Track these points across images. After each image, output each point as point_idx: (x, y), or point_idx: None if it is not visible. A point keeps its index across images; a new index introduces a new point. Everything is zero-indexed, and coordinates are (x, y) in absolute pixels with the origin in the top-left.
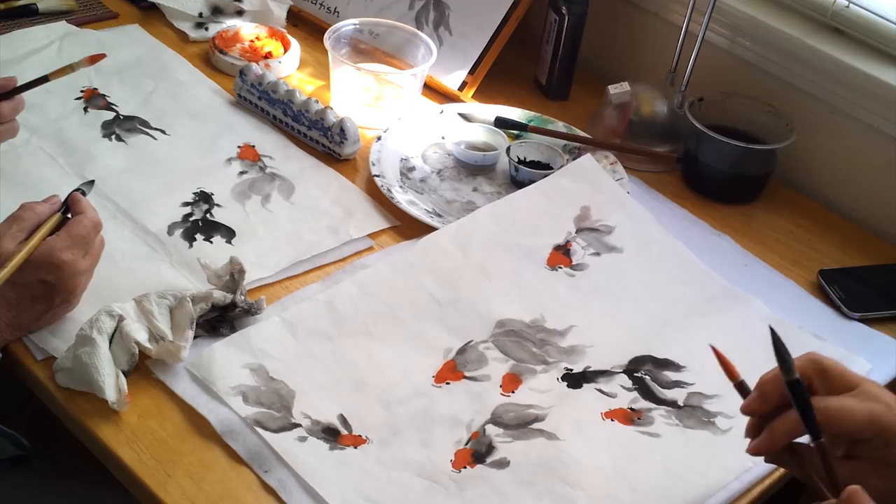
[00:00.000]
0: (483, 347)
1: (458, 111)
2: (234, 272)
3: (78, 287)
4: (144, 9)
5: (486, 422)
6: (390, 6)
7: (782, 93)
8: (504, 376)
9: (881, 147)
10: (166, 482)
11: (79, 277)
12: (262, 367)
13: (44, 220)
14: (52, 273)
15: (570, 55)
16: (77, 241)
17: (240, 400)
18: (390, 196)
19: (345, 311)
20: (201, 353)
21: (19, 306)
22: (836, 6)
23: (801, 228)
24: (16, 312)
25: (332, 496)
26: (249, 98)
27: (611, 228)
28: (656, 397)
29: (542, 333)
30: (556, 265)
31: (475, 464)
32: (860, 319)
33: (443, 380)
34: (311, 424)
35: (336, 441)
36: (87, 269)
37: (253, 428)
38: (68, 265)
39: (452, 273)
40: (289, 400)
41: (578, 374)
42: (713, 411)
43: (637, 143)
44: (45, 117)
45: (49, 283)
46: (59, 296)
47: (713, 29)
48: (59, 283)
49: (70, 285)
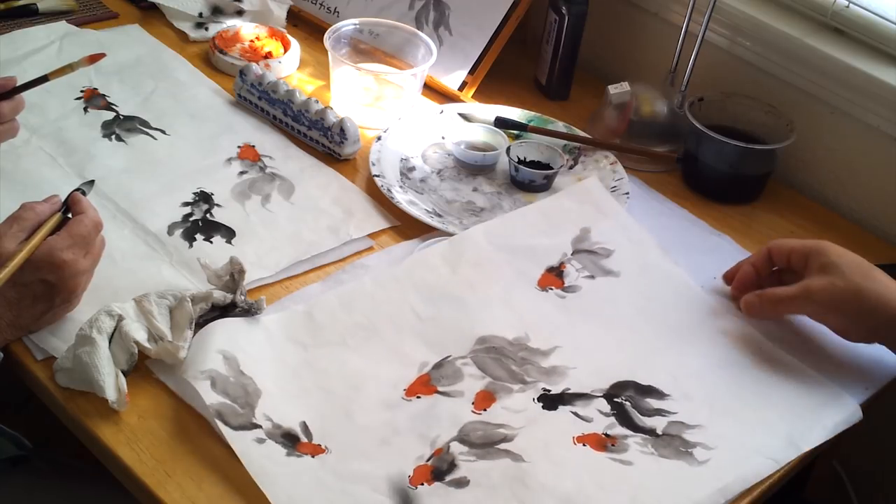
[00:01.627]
0: (461, 363)
1: (458, 111)
2: (234, 272)
3: (79, 287)
4: (144, 9)
5: (452, 439)
6: (390, 6)
7: (782, 93)
8: (478, 393)
9: (881, 147)
10: (166, 482)
11: (79, 277)
12: (234, 358)
13: (44, 220)
14: (53, 273)
15: (570, 55)
16: (78, 241)
17: (208, 385)
18: (390, 196)
19: (323, 322)
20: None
21: (20, 306)
22: (836, 6)
23: (801, 228)
24: (16, 312)
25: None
26: (249, 98)
27: (609, 252)
28: (634, 424)
29: (525, 352)
30: (546, 286)
31: (433, 481)
32: None
33: (414, 393)
34: (271, 427)
35: (294, 448)
36: (87, 268)
37: (213, 420)
38: (69, 265)
39: (438, 289)
40: (254, 398)
41: (556, 395)
42: (693, 441)
43: (637, 143)
44: (45, 117)
45: (50, 282)
46: (60, 295)
47: (713, 29)
48: (60, 282)
49: (71, 285)
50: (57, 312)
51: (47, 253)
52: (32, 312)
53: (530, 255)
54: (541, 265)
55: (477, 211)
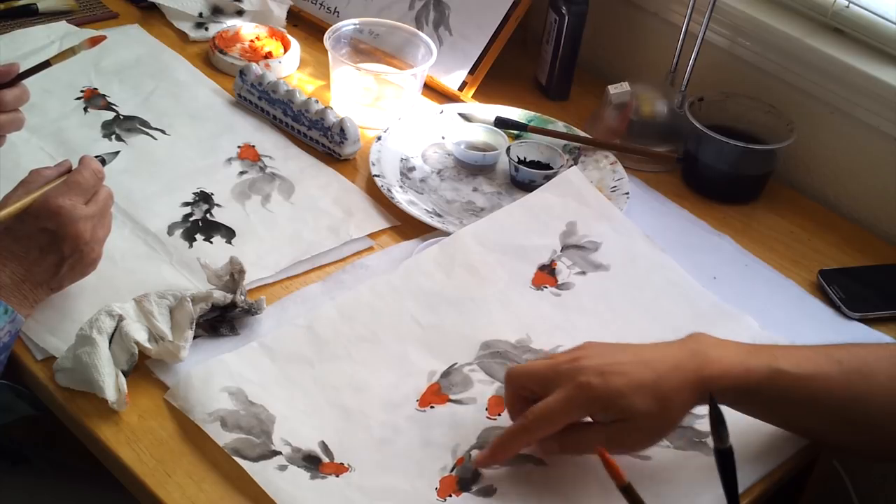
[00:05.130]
0: (468, 370)
1: (458, 111)
2: (234, 272)
3: (81, 233)
4: (144, 9)
5: (472, 447)
6: (390, 6)
7: (782, 93)
8: (490, 399)
9: (881, 147)
10: (166, 482)
11: (80, 223)
12: (240, 391)
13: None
14: (51, 219)
15: (570, 55)
16: (74, 188)
17: (218, 426)
18: (390, 196)
19: (325, 335)
20: (178, 380)
21: (28, 259)
22: (836, 6)
23: (801, 228)
24: (27, 267)
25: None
26: (249, 98)
27: (597, 245)
28: None
29: (529, 354)
30: (541, 285)
31: (461, 492)
32: (860, 319)
33: (427, 403)
34: (291, 452)
35: (317, 469)
36: (89, 215)
37: (231, 459)
38: (66, 210)
39: (435, 296)
40: (269, 425)
41: None
42: (704, 431)
43: (637, 143)
44: (45, 117)
45: (50, 230)
46: (66, 244)
47: (713, 29)
48: (60, 229)
49: (72, 231)
50: (73, 267)
51: (43, 201)
52: (44, 266)
53: (521, 255)
54: (533, 264)
55: (477, 211)
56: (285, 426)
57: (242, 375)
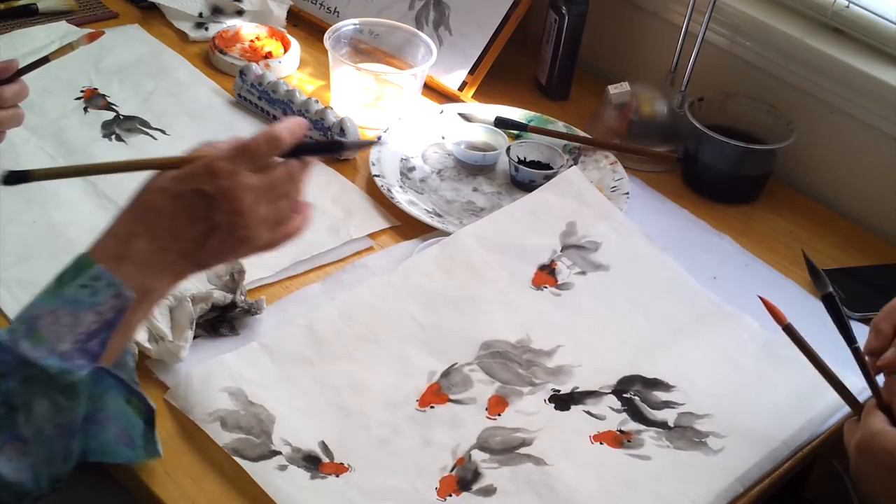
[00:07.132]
0: (468, 370)
1: (458, 111)
2: (234, 272)
3: (239, 201)
4: (144, 9)
5: (472, 447)
6: (390, 6)
7: (782, 93)
8: (490, 399)
9: (881, 147)
10: (166, 482)
11: (240, 191)
12: (240, 391)
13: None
14: (208, 181)
15: (570, 55)
16: (240, 153)
17: (218, 426)
18: (390, 196)
19: (325, 336)
20: (178, 380)
21: (176, 222)
22: (836, 6)
23: (801, 228)
24: (173, 232)
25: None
26: (249, 98)
27: (597, 245)
28: (646, 418)
29: (529, 354)
30: (541, 285)
31: (461, 491)
32: (860, 319)
33: (427, 403)
34: (291, 452)
35: (317, 469)
36: (253, 185)
37: (231, 459)
38: (227, 173)
39: (435, 296)
40: (268, 425)
41: (566, 395)
42: (704, 431)
43: (637, 143)
44: (45, 117)
45: (205, 192)
46: (219, 212)
47: (713, 29)
48: (217, 192)
49: (230, 197)
50: (223, 241)
51: (205, 162)
52: (191, 234)
53: (522, 255)
54: (532, 264)
55: (477, 211)
56: (285, 426)
57: (242, 375)
